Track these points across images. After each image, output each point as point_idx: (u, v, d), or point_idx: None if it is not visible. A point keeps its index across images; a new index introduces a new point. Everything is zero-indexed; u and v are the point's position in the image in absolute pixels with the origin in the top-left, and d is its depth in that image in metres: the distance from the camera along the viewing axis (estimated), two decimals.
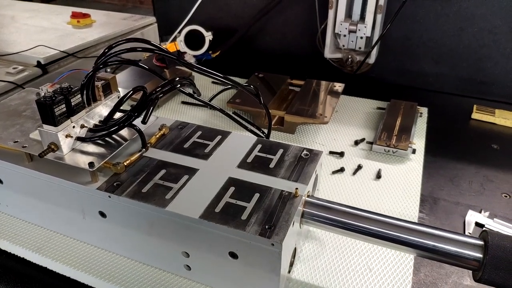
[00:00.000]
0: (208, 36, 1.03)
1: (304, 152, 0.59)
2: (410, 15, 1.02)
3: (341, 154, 0.80)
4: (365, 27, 0.96)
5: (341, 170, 0.75)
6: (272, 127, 0.77)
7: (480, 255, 0.44)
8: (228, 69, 1.01)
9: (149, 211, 0.50)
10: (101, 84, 0.59)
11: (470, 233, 0.62)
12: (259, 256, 0.46)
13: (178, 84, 0.61)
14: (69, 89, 0.53)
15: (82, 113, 0.56)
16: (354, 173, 0.75)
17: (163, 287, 0.53)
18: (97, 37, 1.22)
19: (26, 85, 0.99)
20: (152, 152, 0.59)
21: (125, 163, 0.55)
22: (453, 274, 0.56)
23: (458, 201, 0.69)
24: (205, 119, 0.92)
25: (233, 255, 0.48)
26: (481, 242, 0.45)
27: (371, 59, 1.00)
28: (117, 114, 0.58)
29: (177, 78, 0.60)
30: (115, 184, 0.52)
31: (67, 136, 0.54)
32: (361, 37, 0.99)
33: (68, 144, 0.54)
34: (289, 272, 0.53)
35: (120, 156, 0.57)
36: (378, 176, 0.74)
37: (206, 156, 0.58)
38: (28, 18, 1.40)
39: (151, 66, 0.92)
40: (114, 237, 0.55)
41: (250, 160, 0.58)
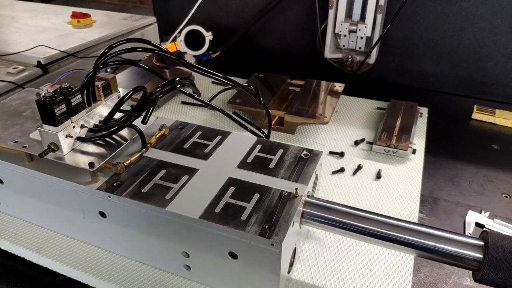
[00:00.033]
0: (208, 36, 1.03)
1: (304, 152, 0.59)
2: (410, 15, 1.02)
3: (341, 154, 0.80)
4: (365, 27, 0.96)
5: (341, 170, 0.75)
6: (272, 127, 0.77)
7: (480, 256, 0.44)
8: (228, 69, 1.01)
9: (149, 211, 0.50)
10: (101, 84, 0.59)
11: (470, 234, 0.62)
12: (259, 256, 0.46)
13: (178, 84, 0.61)
14: (69, 89, 0.53)
15: (82, 113, 0.56)
16: (354, 173, 0.75)
17: (163, 287, 0.53)
18: (97, 37, 1.22)
19: (26, 85, 0.99)
20: (152, 152, 0.59)
21: (125, 163, 0.55)
22: (453, 275, 0.56)
23: (458, 201, 0.69)
24: (205, 119, 0.92)
25: (233, 255, 0.48)
26: (481, 243, 0.45)
27: (371, 59, 1.00)
28: (117, 114, 0.58)
29: (177, 78, 0.60)
30: (115, 184, 0.52)
31: (67, 136, 0.54)
32: (361, 37, 0.99)
33: (68, 144, 0.54)
34: (289, 272, 0.53)
35: (120, 156, 0.57)
36: (378, 176, 0.74)
37: (206, 156, 0.58)
38: (28, 18, 1.40)
39: (151, 66, 0.92)
40: (114, 237, 0.55)
41: (250, 160, 0.58)
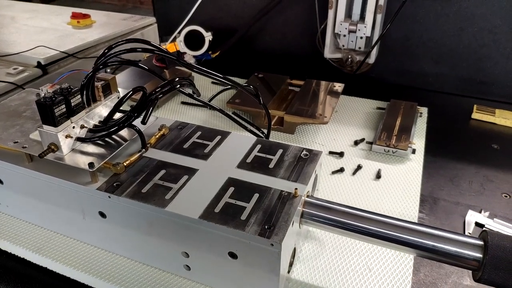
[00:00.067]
0: (207, 37, 1.03)
1: (304, 152, 0.59)
2: (410, 15, 1.02)
3: (341, 154, 0.80)
4: (365, 27, 0.96)
5: (341, 170, 0.75)
6: (272, 127, 0.77)
7: (480, 255, 0.44)
8: (228, 69, 1.01)
9: (148, 211, 0.50)
10: (101, 85, 0.59)
11: (470, 233, 0.62)
12: (259, 256, 0.46)
13: (178, 85, 0.61)
14: (69, 90, 0.53)
15: (82, 114, 0.56)
16: (354, 173, 0.75)
17: (163, 287, 0.53)
18: (97, 37, 1.23)
19: (26, 86, 0.99)
20: (151, 153, 0.59)
21: (125, 164, 0.55)
22: (452, 274, 0.56)
23: (458, 201, 0.69)
24: (204, 119, 0.92)
25: (232, 255, 0.48)
26: (481, 242, 0.45)
27: (371, 59, 1.00)
28: (117, 114, 0.58)
29: (176, 79, 0.60)
30: (115, 184, 0.52)
31: (67, 137, 0.54)
32: (361, 37, 0.99)
33: (68, 144, 0.55)
34: (289, 272, 0.53)
35: (120, 156, 0.57)
36: (378, 176, 0.74)
37: (206, 156, 0.58)
38: (28, 18, 1.40)
39: (150, 67, 0.92)
40: (114, 237, 0.55)
41: (249, 160, 0.58)
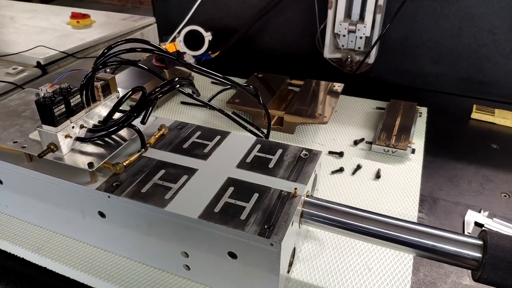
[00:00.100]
0: (207, 36, 1.03)
1: (303, 152, 0.59)
2: (410, 15, 1.02)
3: (341, 154, 0.80)
4: (365, 27, 0.96)
5: (341, 170, 0.75)
6: (272, 127, 0.77)
7: (479, 255, 0.45)
8: (228, 69, 1.01)
9: (148, 211, 0.50)
10: (100, 85, 0.59)
11: (469, 233, 0.62)
12: (258, 256, 0.46)
13: (177, 84, 0.61)
14: (69, 90, 0.53)
15: (81, 114, 0.56)
16: (354, 173, 0.75)
17: (163, 287, 0.53)
18: (97, 37, 1.23)
19: (26, 86, 0.99)
20: (151, 152, 0.59)
21: (125, 163, 0.55)
22: (452, 274, 0.56)
23: (458, 201, 0.69)
24: (204, 119, 0.92)
25: (232, 255, 0.48)
26: (480, 242, 0.45)
27: (371, 59, 1.00)
28: (116, 114, 0.58)
29: (176, 78, 0.60)
30: (114, 184, 0.52)
31: (67, 137, 0.54)
32: (361, 37, 0.99)
33: (67, 144, 0.55)
34: (288, 272, 0.53)
35: (120, 156, 0.57)
36: (378, 176, 0.74)
37: (205, 156, 0.58)
38: (28, 18, 1.40)
39: (150, 67, 0.92)
40: (114, 237, 0.55)
41: (249, 160, 0.58)
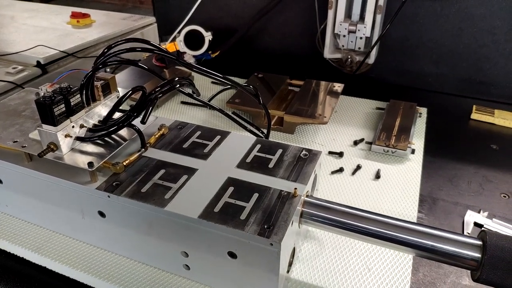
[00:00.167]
0: (207, 36, 1.03)
1: (303, 152, 0.59)
2: (410, 15, 1.02)
3: (340, 154, 0.80)
4: (365, 27, 0.96)
5: (340, 170, 0.75)
6: (272, 127, 0.77)
7: (479, 255, 0.45)
8: (228, 69, 1.01)
9: (148, 211, 0.50)
10: (100, 84, 0.59)
11: (468, 233, 0.62)
12: (258, 256, 0.46)
13: (178, 84, 0.61)
14: (69, 89, 0.53)
15: (81, 113, 0.56)
16: (353, 173, 0.75)
17: (162, 287, 0.53)
18: (97, 37, 1.22)
19: (26, 85, 0.99)
20: (151, 152, 0.59)
21: (124, 163, 0.55)
22: (451, 274, 0.56)
23: (457, 201, 0.69)
24: (204, 119, 0.92)
25: (232, 255, 0.48)
26: (480, 242, 0.45)
27: (371, 60, 1.00)
28: (116, 114, 0.58)
29: (176, 78, 0.60)
30: (114, 184, 0.52)
31: (67, 136, 0.54)
32: (361, 37, 0.99)
33: (67, 144, 0.55)
34: (288, 272, 0.54)
35: (120, 156, 0.57)
36: (377, 176, 0.74)
37: (205, 156, 0.58)
38: (28, 18, 1.40)
39: (150, 66, 0.92)
40: (113, 237, 0.55)
41: (249, 160, 0.58)
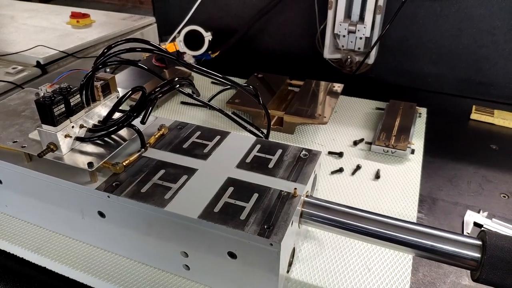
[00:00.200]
0: (207, 36, 1.03)
1: (303, 152, 0.59)
2: (410, 15, 1.02)
3: (340, 154, 0.80)
4: (365, 27, 0.96)
5: (340, 170, 0.75)
6: (271, 127, 0.77)
7: (478, 255, 0.45)
8: (228, 69, 1.01)
9: (148, 211, 0.50)
10: (100, 84, 0.59)
11: (468, 233, 0.62)
12: (258, 256, 0.46)
13: (177, 84, 0.61)
14: (68, 89, 0.53)
15: (81, 113, 0.56)
16: (353, 173, 0.75)
17: (162, 287, 0.53)
18: (97, 37, 1.23)
19: (26, 85, 0.99)
20: (151, 152, 0.59)
21: (124, 163, 0.55)
22: (451, 274, 0.56)
23: (457, 201, 0.69)
24: (204, 119, 0.92)
25: (232, 255, 0.48)
26: (479, 242, 0.45)
27: (370, 60, 1.00)
28: (116, 114, 0.58)
29: (176, 78, 0.60)
30: (114, 184, 0.52)
31: (66, 136, 0.54)
32: (360, 38, 0.99)
33: (67, 144, 0.55)
34: (288, 272, 0.54)
35: (119, 156, 0.57)
36: (377, 176, 0.74)
37: (205, 156, 0.58)
38: (28, 18, 1.40)
39: (150, 66, 0.92)
40: (113, 237, 0.55)
41: (249, 160, 0.58)
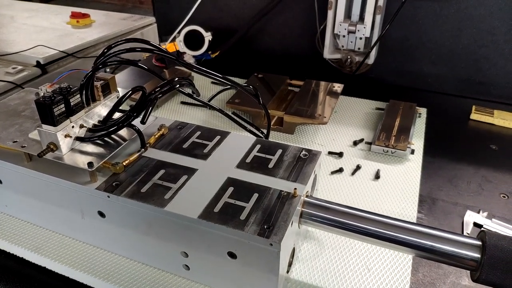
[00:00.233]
0: (207, 37, 1.03)
1: (303, 153, 0.59)
2: (409, 15, 1.02)
3: (340, 154, 0.80)
4: (364, 27, 0.96)
5: (340, 170, 0.75)
6: (271, 127, 0.77)
7: (478, 255, 0.45)
8: (228, 69, 1.01)
9: (148, 211, 0.50)
10: (100, 84, 0.59)
11: (468, 234, 0.63)
12: (258, 256, 0.46)
13: (177, 84, 0.61)
14: (68, 89, 0.53)
15: (81, 113, 0.56)
16: (353, 173, 0.75)
17: (162, 287, 0.53)
18: (97, 37, 1.23)
19: (25, 85, 0.99)
20: (151, 152, 0.59)
21: (124, 163, 0.55)
22: (451, 274, 0.56)
23: (457, 202, 0.69)
24: (204, 119, 0.92)
25: (231, 255, 0.48)
26: (479, 243, 0.45)
27: (370, 60, 1.00)
28: (116, 114, 0.58)
29: (176, 78, 0.60)
30: (114, 184, 0.52)
31: (66, 136, 0.54)
32: (360, 38, 0.99)
33: (67, 144, 0.55)
34: (288, 272, 0.54)
35: (119, 156, 0.57)
36: (377, 176, 0.74)
37: (205, 156, 0.58)
38: (28, 18, 1.40)
39: (150, 66, 0.92)
40: (113, 237, 0.55)
41: (249, 160, 0.58)
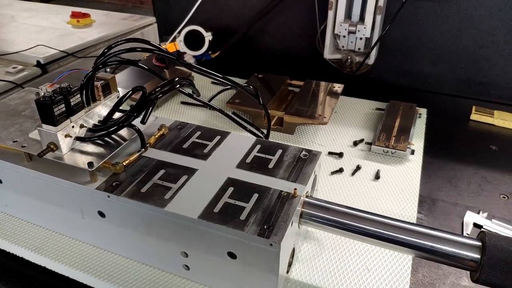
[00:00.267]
0: (207, 37, 1.03)
1: (303, 153, 0.59)
2: (410, 16, 1.02)
3: (340, 154, 0.80)
4: (365, 28, 0.96)
5: (340, 170, 0.75)
6: (271, 127, 0.77)
7: (478, 256, 0.45)
8: (228, 69, 1.01)
9: (148, 211, 0.50)
10: (100, 84, 0.59)
11: (468, 234, 0.63)
12: (258, 256, 0.46)
13: (178, 84, 0.61)
14: (69, 89, 0.53)
15: (81, 113, 0.56)
16: (353, 173, 0.75)
17: (162, 287, 0.53)
18: (97, 37, 1.22)
19: (26, 85, 0.99)
20: (151, 152, 0.59)
21: (124, 163, 0.55)
22: (451, 275, 0.56)
23: (457, 202, 0.69)
24: (204, 119, 0.92)
25: (231, 255, 0.48)
26: (479, 243, 0.45)
27: (371, 60, 1.00)
28: (116, 114, 0.58)
29: (176, 78, 0.60)
30: (114, 184, 0.53)
31: (66, 136, 0.54)
32: (361, 38, 0.99)
33: (67, 144, 0.55)
34: (288, 272, 0.54)
35: (119, 156, 0.57)
36: (377, 176, 0.74)
37: (205, 156, 0.58)
38: (28, 17, 1.40)
39: (150, 66, 0.92)
40: (113, 237, 0.55)
41: (249, 160, 0.58)
